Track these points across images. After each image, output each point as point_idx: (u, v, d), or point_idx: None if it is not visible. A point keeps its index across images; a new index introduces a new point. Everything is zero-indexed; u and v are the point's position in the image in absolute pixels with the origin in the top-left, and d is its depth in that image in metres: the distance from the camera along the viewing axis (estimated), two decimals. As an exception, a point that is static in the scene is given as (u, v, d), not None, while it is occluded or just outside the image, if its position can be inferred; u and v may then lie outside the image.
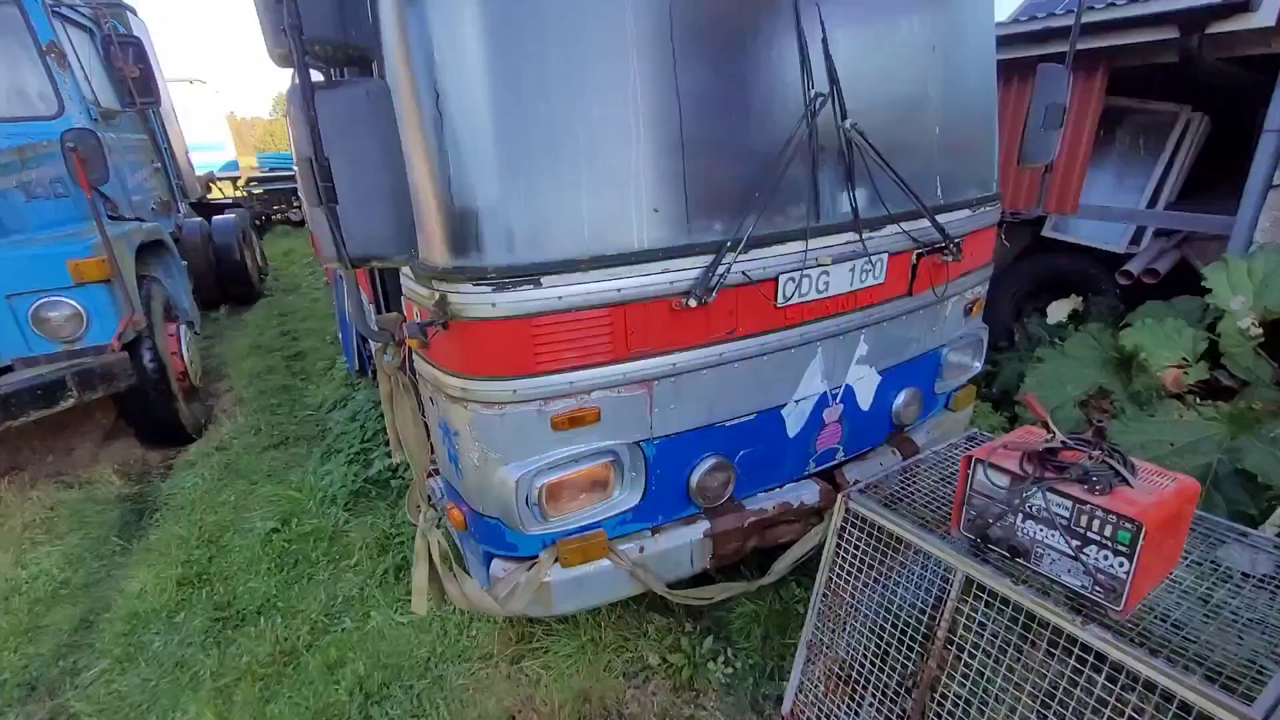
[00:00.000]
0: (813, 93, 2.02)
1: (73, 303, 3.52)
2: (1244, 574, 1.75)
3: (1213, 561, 1.80)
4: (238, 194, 14.02)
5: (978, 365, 3.07)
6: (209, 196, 11.50)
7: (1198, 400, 3.02)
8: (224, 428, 4.71)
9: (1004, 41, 4.45)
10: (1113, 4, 3.95)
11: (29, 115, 4.11)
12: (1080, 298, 4.65)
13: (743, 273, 2.04)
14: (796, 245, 2.12)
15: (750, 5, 1.97)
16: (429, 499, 2.33)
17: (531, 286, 1.81)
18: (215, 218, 8.16)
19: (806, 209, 2.13)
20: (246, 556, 3.20)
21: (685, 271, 1.96)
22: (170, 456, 4.49)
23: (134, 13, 6.15)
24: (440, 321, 1.85)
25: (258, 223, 13.01)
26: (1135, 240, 4.82)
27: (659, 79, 1.85)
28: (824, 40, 2.04)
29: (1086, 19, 3.93)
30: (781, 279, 2.14)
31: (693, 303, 1.95)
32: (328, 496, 3.55)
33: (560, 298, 1.84)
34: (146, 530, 3.58)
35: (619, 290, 1.89)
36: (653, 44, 1.83)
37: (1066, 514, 1.43)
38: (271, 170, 15.10)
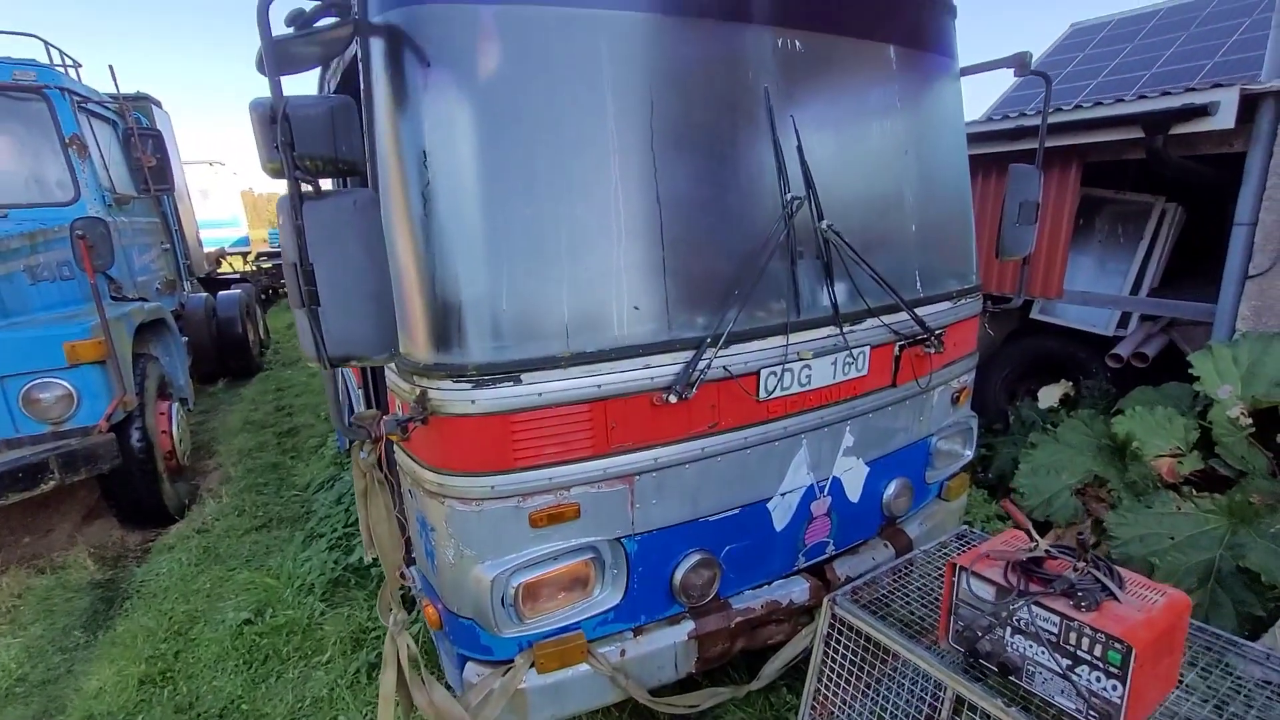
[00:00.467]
0: (789, 196, 2.10)
1: (65, 384, 3.53)
2: (1261, 682, 1.66)
3: (1225, 666, 1.72)
4: (247, 268, 14.40)
5: (968, 453, 3.04)
6: (218, 271, 11.82)
7: (1194, 491, 2.97)
8: (207, 508, 4.62)
9: (981, 138, 4.70)
10: (1079, 106, 4.18)
11: (46, 201, 4.29)
12: (1071, 382, 4.67)
13: (724, 368, 2.05)
14: (777, 340, 2.15)
15: (728, 115, 2.08)
16: (401, 600, 2.25)
17: (512, 383, 1.81)
18: (221, 293, 8.34)
19: (786, 305, 2.16)
20: (215, 651, 3.06)
21: (666, 367, 1.97)
22: (150, 538, 4.38)
23: (158, 105, 6.52)
24: (420, 417, 1.84)
25: (264, 296, 13.29)
26: (1123, 324, 4.90)
27: (640, 183, 1.92)
28: (799, 147, 2.14)
29: (1058, 119, 4.16)
30: (763, 373, 2.15)
31: (673, 399, 1.95)
32: (305, 585, 3.43)
33: (540, 394, 1.84)
34: (114, 621, 3.43)
35: (599, 386, 1.90)
36: (635, 151, 1.92)
37: (1054, 630, 1.38)
38: (279, 247, 15.52)
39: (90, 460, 3.60)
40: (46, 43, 4.73)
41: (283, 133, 1.45)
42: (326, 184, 2.05)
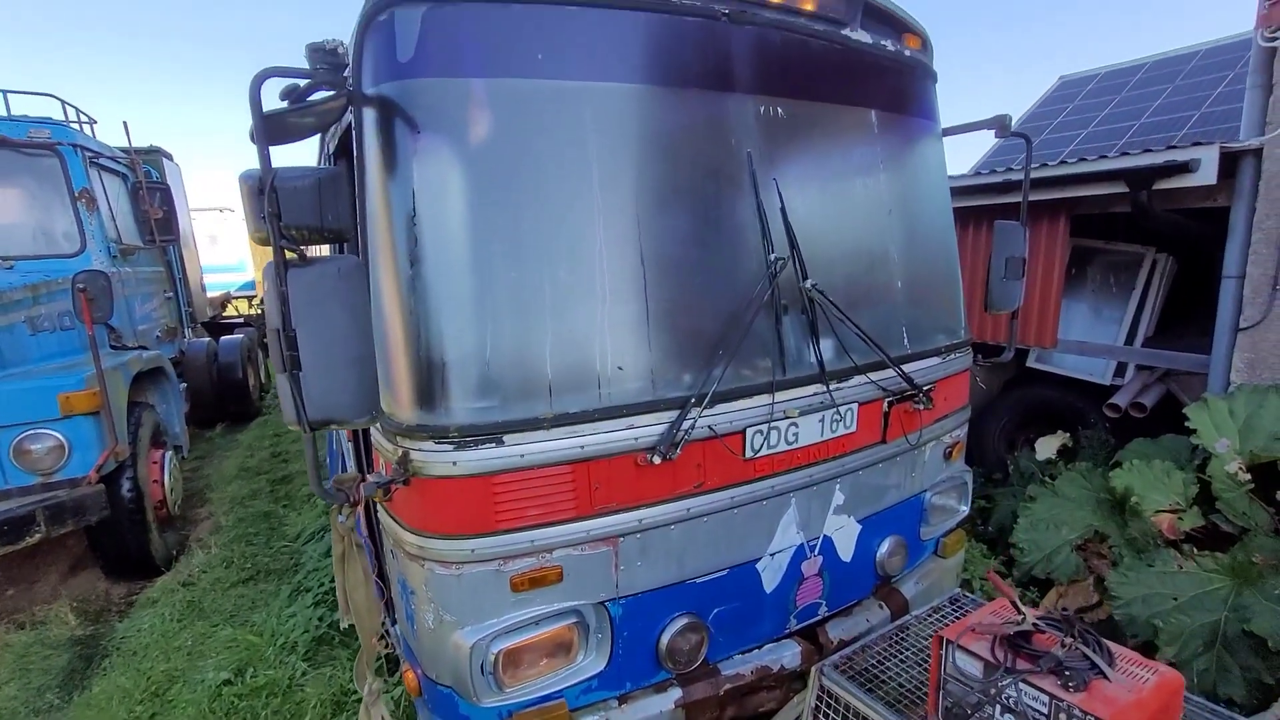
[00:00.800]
0: (773, 256, 2.13)
1: (57, 435, 3.53)
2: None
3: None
4: (252, 311, 14.56)
5: (964, 509, 2.99)
6: (223, 315, 11.94)
7: (1195, 550, 2.90)
8: (195, 559, 4.54)
9: (970, 191, 4.79)
10: (1064, 162, 4.27)
11: (52, 253, 4.37)
12: (1068, 433, 4.63)
13: (709, 427, 2.05)
14: (763, 399, 2.14)
15: (711, 179, 2.12)
16: (384, 663, 2.19)
17: (494, 445, 1.80)
18: (224, 338, 8.41)
19: (772, 364, 2.17)
20: (192, 715, 2.96)
21: (650, 427, 1.96)
22: (135, 591, 4.30)
23: (169, 157, 6.71)
24: (402, 479, 1.83)
25: (266, 340, 13.38)
26: (1120, 372, 4.89)
27: (625, 246, 1.96)
28: (782, 209, 2.18)
29: (1045, 174, 4.25)
30: (749, 432, 2.14)
31: (657, 459, 1.94)
32: (288, 643, 3.35)
33: (523, 455, 1.83)
34: (91, 681, 3.34)
35: (582, 447, 1.89)
36: (620, 214, 1.96)
37: (1044, 710, 1.33)
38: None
39: (78, 512, 3.57)
40: (63, 101, 4.91)
41: (270, 204, 1.49)
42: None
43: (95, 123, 5.32)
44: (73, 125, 4.86)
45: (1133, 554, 3.07)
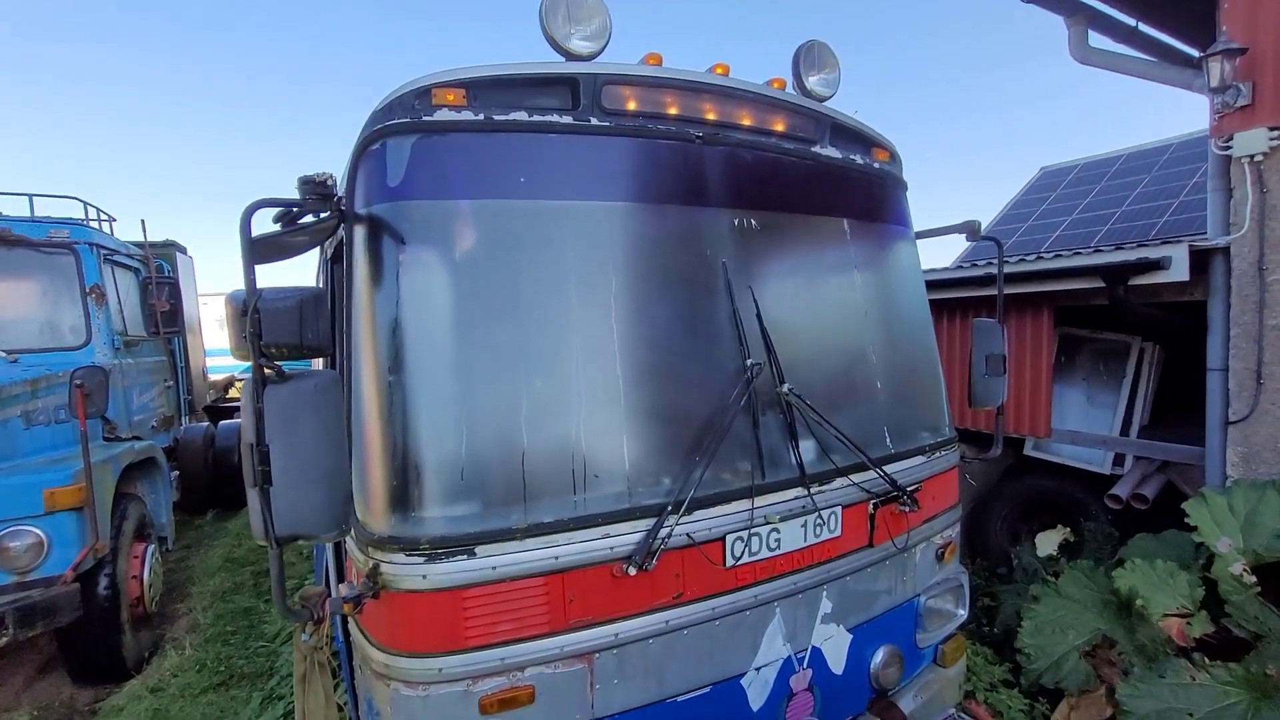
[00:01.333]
0: (749, 362, 2.17)
1: (37, 531, 3.48)
2: None
3: None
4: (255, 393, 14.61)
5: (962, 613, 2.88)
6: (226, 397, 12.01)
7: (1207, 659, 2.76)
8: (167, 661, 4.35)
9: (952, 284, 4.92)
10: (1041, 257, 4.42)
11: (57, 346, 4.47)
12: (1068, 527, 4.52)
13: (686, 535, 2.01)
14: (743, 504, 2.12)
15: (687, 288, 2.20)
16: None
17: (465, 557, 1.78)
18: (222, 422, 8.40)
19: (751, 468, 2.16)
20: (142, 844, 2.75)
21: (627, 536, 1.94)
22: (102, 696, 4.09)
23: (183, 250, 6.98)
24: (371, 592, 1.79)
25: (267, 422, 13.31)
26: (1119, 461, 4.83)
27: (602, 356, 2.00)
28: (758, 315, 2.24)
29: (1024, 269, 4.38)
30: (729, 539, 2.10)
31: (633, 570, 1.90)
32: (254, 760, 3.15)
33: (494, 568, 1.80)
34: (40, 803, 3.12)
35: (556, 558, 1.86)
36: (597, 324, 2.02)
37: None
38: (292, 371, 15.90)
39: (49, 614, 3.46)
40: (85, 202, 5.19)
41: (252, 325, 1.55)
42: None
43: (114, 220, 5.60)
44: (92, 224, 5.10)
45: (1143, 663, 2.92)
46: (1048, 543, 4.41)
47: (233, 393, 13.43)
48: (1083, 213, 9.18)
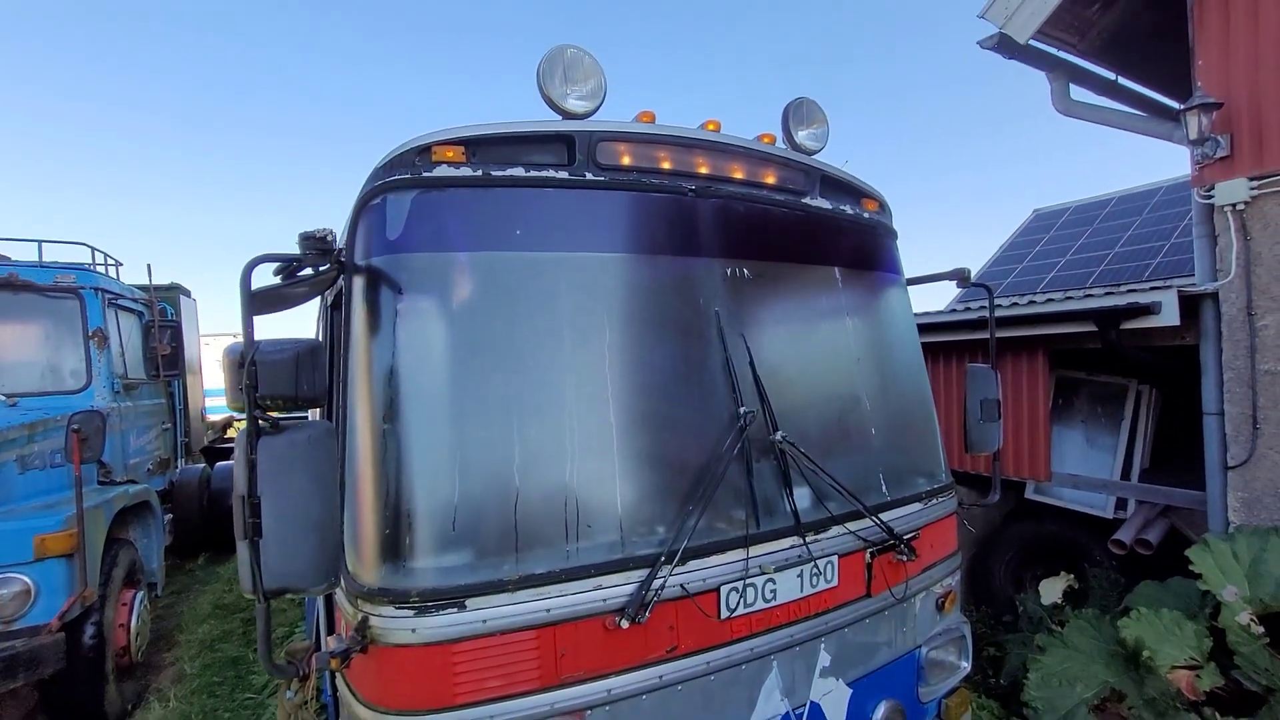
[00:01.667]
0: (742, 410, 2.18)
1: (25, 579, 3.43)
2: None
3: None
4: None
5: (965, 665, 2.81)
6: (224, 437, 11.95)
7: (1219, 714, 2.69)
8: (151, 714, 4.23)
9: (947, 328, 4.97)
10: (1033, 300, 4.47)
11: (57, 389, 4.49)
12: (1072, 574, 4.45)
13: (680, 586, 1.99)
14: (737, 554, 2.10)
15: (680, 337, 2.23)
16: None
17: (456, 610, 1.75)
18: (219, 464, 8.35)
19: (745, 517, 2.15)
20: None
21: (619, 587, 1.91)
22: (81, 751, 3.97)
23: (187, 294, 7.06)
24: (359, 646, 1.76)
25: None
26: (1121, 505, 4.78)
27: (595, 404, 2.02)
28: (751, 363, 2.26)
29: (1016, 312, 4.43)
30: (724, 590, 2.08)
31: (625, 623, 1.87)
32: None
33: (485, 621, 1.77)
34: None
35: (548, 611, 1.83)
36: (591, 373, 2.04)
37: None
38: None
39: (32, 665, 3.38)
40: (92, 248, 5.28)
41: (248, 377, 1.57)
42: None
43: (121, 264, 5.69)
44: (99, 269, 5.19)
45: (1154, 718, 2.83)
46: (1052, 590, 4.33)
47: (231, 432, 13.40)
48: (1077, 254, 9.32)
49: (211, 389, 9.96)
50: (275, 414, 1.61)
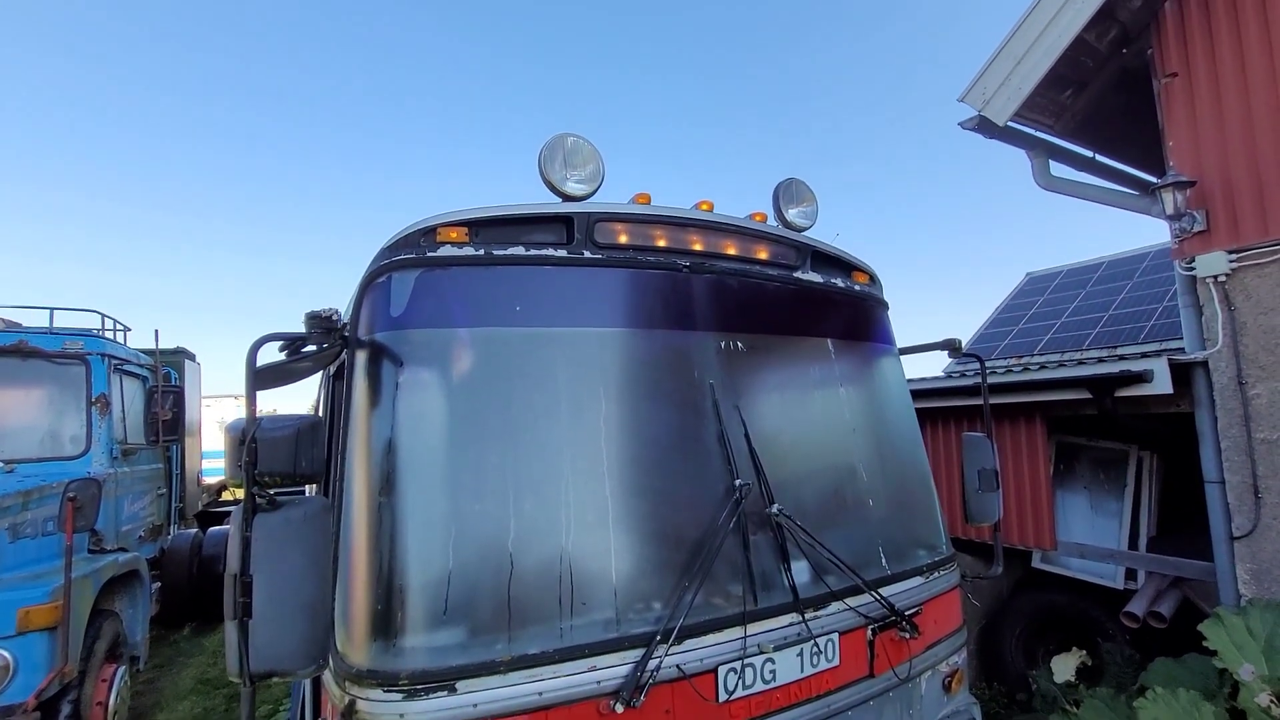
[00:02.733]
0: (737, 482, 2.18)
1: (4, 654, 3.33)
2: None
3: None
4: (248, 497, 14.37)
5: (977, 752, 2.69)
6: (219, 500, 11.79)
7: (1246, 806, 2.55)
8: (123, 802, 4.01)
9: (943, 394, 5.00)
10: (1028, 368, 4.52)
11: (56, 455, 4.49)
12: (1084, 651, 4.30)
13: (677, 666, 1.94)
14: (735, 632, 2.06)
15: (675, 410, 2.26)
16: None
17: (446, 693, 1.71)
18: (212, 529, 8.21)
19: (743, 593, 2.11)
20: None
21: (614, 668, 1.87)
22: (45, 844, 3.73)
23: (192, 358, 7.15)
24: (344, 733, 1.71)
25: (257, 527, 12.99)
26: (1131, 575, 4.67)
27: (590, 479, 2.02)
28: (746, 435, 2.28)
29: (1012, 379, 4.47)
30: (721, 670, 2.02)
31: (620, 707, 1.82)
32: None
33: (475, 705, 1.72)
34: None
35: (540, 694, 1.78)
36: (586, 447, 2.06)
37: None
38: (286, 475, 15.78)
39: (1, 748, 3.24)
40: (102, 314, 5.40)
41: (248, 454, 1.60)
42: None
43: (129, 330, 5.79)
44: (106, 334, 5.28)
45: (1178, 809, 2.69)
46: (1064, 667, 4.18)
47: (225, 495, 13.23)
48: (1072, 315, 9.46)
49: (209, 451, 9.91)
50: (273, 489, 1.63)
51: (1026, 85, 3.98)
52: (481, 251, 2.16)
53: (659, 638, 1.90)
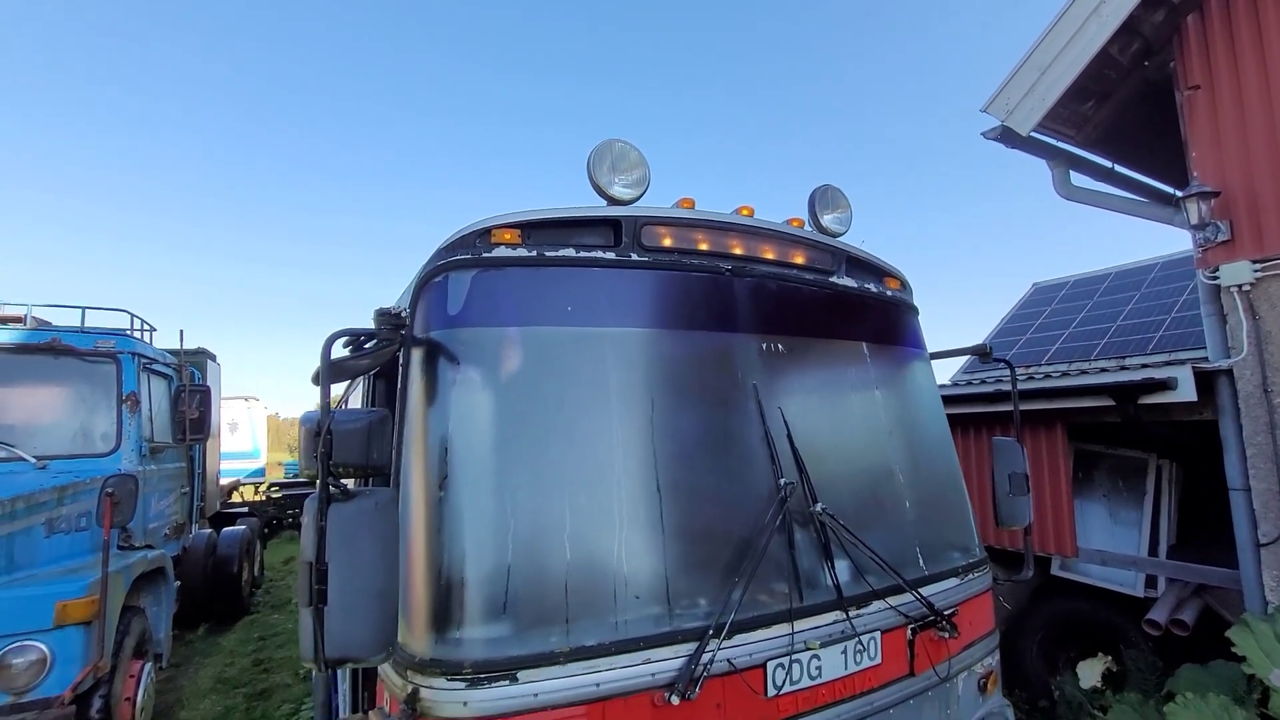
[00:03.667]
0: (782, 481, 2.22)
1: (42, 647, 3.37)
2: None
3: None
4: (257, 498, 14.47)
5: (1010, 752, 2.71)
6: (228, 501, 11.84)
7: (1281, 810, 2.57)
8: (150, 798, 4.04)
9: (962, 400, 5.03)
10: (1050, 376, 4.56)
11: (86, 452, 4.54)
12: (1110, 656, 4.31)
13: (728, 660, 1.98)
14: (782, 628, 2.09)
15: (721, 410, 2.30)
16: None
17: (508, 682, 1.75)
18: (226, 530, 8.26)
19: (789, 590, 2.15)
20: None
21: (667, 661, 1.90)
22: (73, 839, 3.75)
23: (213, 358, 7.21)
24: None
25: (266, 530, 13.11)
26: (1151, 583, 4.68)
27: (643, 474, 2.07)
28: (789, 435, 2.33)
29: (1033, 386, 4.50)
30: (770, 665, 2.05)
31: (675, 699, 1.85)
32: None
33: (536, 695, 1.76)
34: None
35: (598, 685, 1.82)
36: (637, 444, 2.10)
37: None
38: (294, 477, 15.87)
39: (40, 740, 3.27)
40: (132, 314, 5.46)
41: (324, 445, 1.64)
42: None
43: (155, 330, 5.85)
44: (136, 334, 5.34)
45: (1211, 813, 2.70)
46: (1090, 673, 4.19)
47: (235, 497, 13.28)
48: (1079, 326, 9.48)
49: (223, 453, 9.97)
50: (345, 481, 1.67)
51: (1050, 96, 4.04)
52: (534, 253, 2.21)
53: (711, 631, 1.94)
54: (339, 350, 2.09)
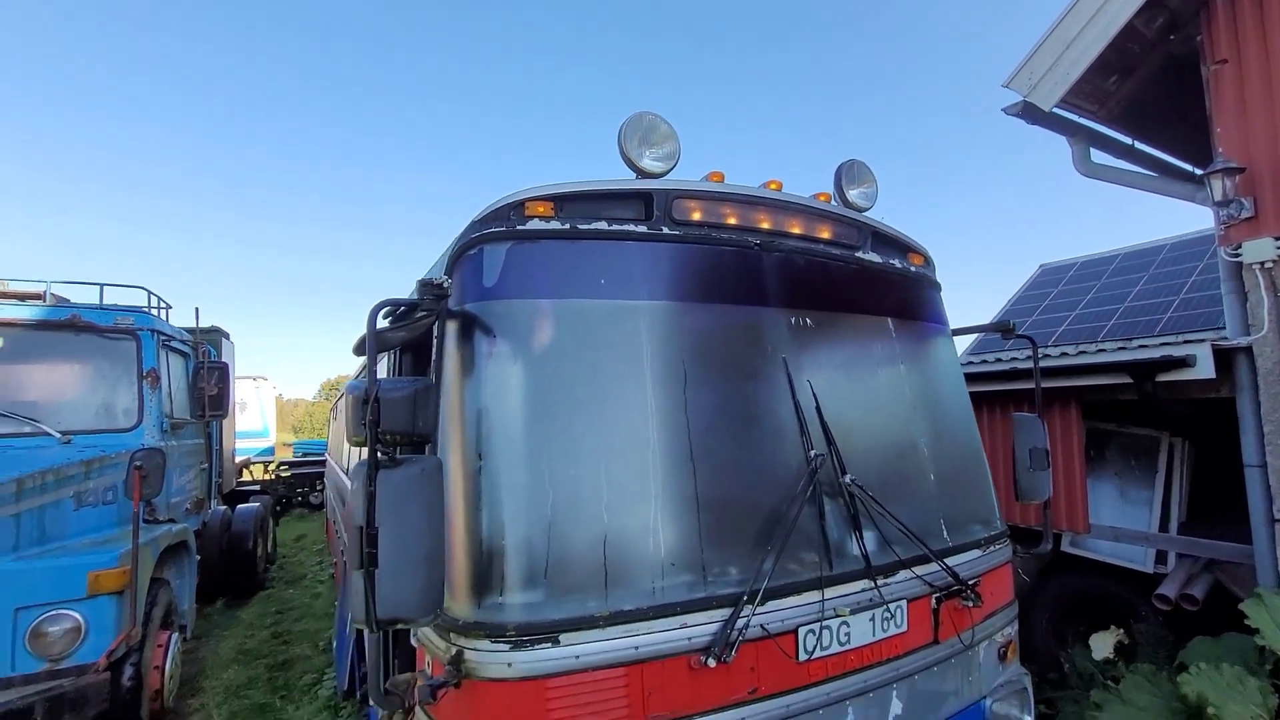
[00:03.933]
0: (812, 453, 2.25)
1: (77, 615, 3.45)
2: None
3: None
4: (267, 477, 14.60)
5: (1028, 718, 2.78)
6: (239, 480, 11.96)
7: (1294, 775, 2.63)
8: (181, 762, 4.15)
9: (978, 378, 5.04)
10: (1065, 353, 4.56)
11: (110, 428, 4.59)
12: (1121, 629, 4.38)
13: (761, 626, 2.02)
14: (813, 595, 2.14)
15: (752, 382, 2.33)
16: None
17: (550, 645, 1.79)
18: (240, 506, 8.36)
19: (819, 558, 2.19)
20: None
21: (703, 626, 1.95)
22: (108, 801, 3.87)
23: (227, 336, 7.24)
24: (454, 680, 1.80)
25: (278, 508, 13.26)
26: (1160, 559, 4.73)
27: (676, 444, 2.10)
28: (818, 408, 2.35)
29: (1049, 364, 4.51)
30: (801, 631, 2.10)
31: (712, 661, 1.90)
32: None
33: (577, 656, 1.81)
34: None
35: (636, 648, 1.86)
36: (671, 414, 2.13)
37: None
38: (304, 455, 16.00)
39: (77, 705, 3.36)
40: (149, 291, 5.48)
41: (372, 412, 1.67)
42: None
43: (170, 307, 5.87)
44: (153, 311, 5.37)
45: (1224, 778, 2.77)
46: (1103, 644, 4.26)
47: (246, 475, 13.39)
48: (1086, 307, 9.43)
49: (237, 431, 10.04)
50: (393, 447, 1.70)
51: (1075, 70, 3.99)
52: (567, 225, 2.22)
53: (746, 597, 1.98)
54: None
